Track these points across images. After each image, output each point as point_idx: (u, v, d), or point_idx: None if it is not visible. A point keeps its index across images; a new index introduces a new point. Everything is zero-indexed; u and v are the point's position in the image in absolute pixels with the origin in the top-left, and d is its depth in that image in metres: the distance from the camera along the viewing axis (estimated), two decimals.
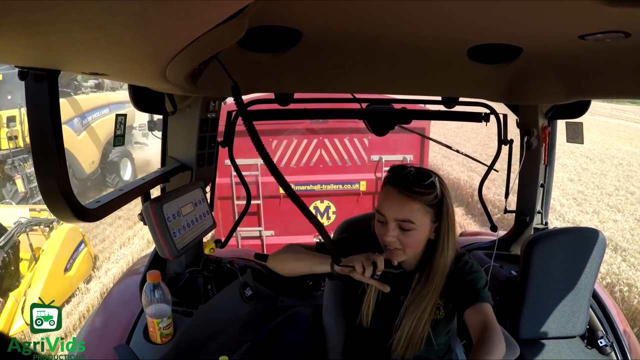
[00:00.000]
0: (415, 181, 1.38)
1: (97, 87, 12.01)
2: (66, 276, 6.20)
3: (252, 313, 2.02)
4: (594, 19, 1.05)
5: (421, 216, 1.39)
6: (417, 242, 1.43)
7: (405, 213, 1.38)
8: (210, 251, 2.01)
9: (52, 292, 5.60)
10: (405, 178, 1.39)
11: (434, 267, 1.46)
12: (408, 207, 1.38)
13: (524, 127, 2.40)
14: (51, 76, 0.83)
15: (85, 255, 6.76)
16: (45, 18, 0.49)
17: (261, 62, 1.64)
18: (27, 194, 8.75)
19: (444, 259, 1.46)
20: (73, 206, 0.95)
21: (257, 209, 5.31)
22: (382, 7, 1.09)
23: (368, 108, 2.39)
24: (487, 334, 1.32)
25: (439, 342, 1.55)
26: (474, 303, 1.41)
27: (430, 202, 1.40)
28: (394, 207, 1.39)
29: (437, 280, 1.46)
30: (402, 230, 1.40)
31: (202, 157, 1.85)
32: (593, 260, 2.09)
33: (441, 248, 1.45)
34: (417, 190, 1.38)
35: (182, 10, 0.63)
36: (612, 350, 2.12)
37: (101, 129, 11.29)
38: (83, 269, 6.70)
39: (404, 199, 1.38)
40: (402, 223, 1.39)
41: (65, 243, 6.32)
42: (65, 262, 6.23)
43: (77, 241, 6.67)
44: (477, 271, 1.50)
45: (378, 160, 5.39)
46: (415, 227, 1.39)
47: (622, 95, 1.72)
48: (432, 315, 1.49)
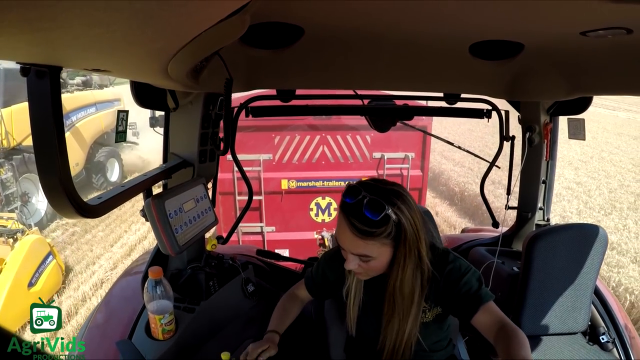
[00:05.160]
0: (366, 219, 1.28)
1: (85, 84, 11.55)
2: (30, 292, 5.58)
3: (254, 309, 2.03)
4: (595, 15, 1.05)
5: (378, 248, 1.32)
6: (378, 267, 1.38)
7: (361, 250, 1.32)
8: (212, 247, 2.01)
9: (13, 310, 5.18)
10: (356, 214, 1.29)
11: (395, 289, 1.41)
12: (363, 245, 1.31)
13: (525, 123, 2.40)
14: (53, 73, 0.83)
15: (53, 268, 6.14)
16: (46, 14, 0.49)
17: (263, 58, 1.64)
18: (3, 201, 7.95)
19: (405, 281, 1.39)
20: (75, 203, 0.95)
21: (258, 204, 5.32)
22: (384, 4, 1.09)
23: (370, 104, 2.39)
24: (506, 329, 1.33)
25: (431, 342, 1.54)
26: (476, 310, 1.39)
27: (386, 236, 1.31)
28: (347, 243, 1.34)
29: (407, 300, 1.41)
30: (362, 261, 1.35)
31: (204, 154, 1.85)
32: (595, 256, 2.09)
33: (399, 271, 1.38)
34: (368, 231, 1.29)
35: (185, 7, 0.63)
36: (614, 347, 2.12)
37: (87, 128, 10.80)
38: (51, 283, 6.07)
39: (357, 239, 1.31)
40: (361, 257, 1.34)
41: (30, 255, 5.76)
42: (30, 276, 5.66)
43: (44, 253, 6.07)
44: (467, 272, 1.43)
45: (380, 158, 5.40)
46: (374, 258, 1.33)
47: (623, 92, 1.71)
48: (418, 320, 1.45)
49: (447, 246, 1.57)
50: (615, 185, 11.33)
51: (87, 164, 10.82)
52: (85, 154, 10.77)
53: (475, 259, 2.48)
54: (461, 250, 2.70)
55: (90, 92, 11.59)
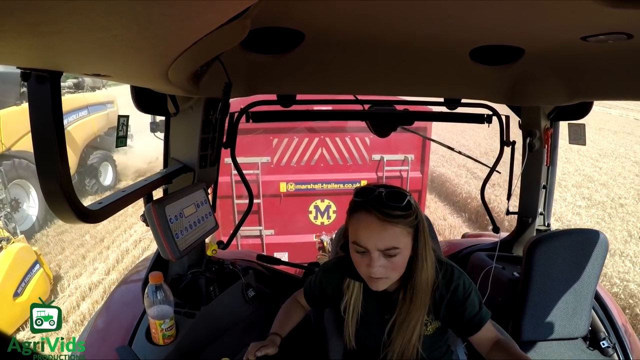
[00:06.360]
0: (392, 204, 1.28)
1: (77, 87, 11.43)
2: (16, 302, 5.37)
3: (255, 314, 2.02)
4: (596, 20, 1.05)
5: (404, 238, 1.31)
6: (401, 265, 1.35)
7: (389, 240, 1.29)
8: (213, 252, 2.00)
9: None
10: (379, 202, 1.29)
11: (417, 284, 1.39)
12: (391, 233, 1.28)
13: (526, 128, 2.40)
14: (53, 77, 0.83)
15: (40, 277, 5.91)
16: (46, 19, 0.49)
17: (263, 63, 1.64)
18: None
19: (425, 275, 1.38)
20: (75, 208, 0.94)
21: (257, 208, 5.31)
22: (384, 9, 1.09)
23: (370, 109, 2.39)
24: (500, 344, 1.42)
25: (431, 351, 1.54)
26: (477, 330, 1.43)
27: (411, 224, 1.31)
28: (375, 236, 1.29)
29: (422, 298, 1.41)
30: (387, 257, 1.31)
31: (204, 159, 1.85)
32: (595, 261, 2.08)
33: (421, 265, 1.37)
34: (397, 214, 1.28)
35: (185, 12, 0.63)
36: (615, 352, 2.12)
37: (79, 132, 10.48)
38: (38, 292, 5.75)
39: (386, 226, 1.28)
40: (387, 251, 1.30)
41: (15, 264, 5.56)
42: (16, 285, 5.45)
43: (31, 262, 5.84)
44: (471, 292, 1.44)
45: (379, 160, 5.39)
46: (399, 252, 1.31)
47: (624, 97, 1.71)
48: (421, 332, 1.45)
49: (448, 251, 1.58)
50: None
51: (79, 168, 10.57)
52: (78, 157, 10.51)
53: (475, 264, 2.47)
54: (461, 256, 2.69)
55: (82, 94, 11.39)
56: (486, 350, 1.39)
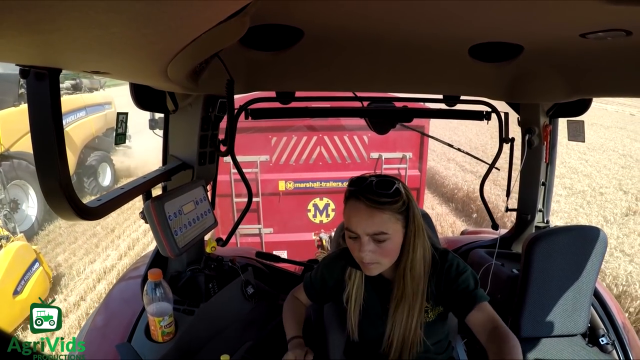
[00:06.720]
0: (380, 191, 1.36)
1: (75, 88, 11.48)
2: (16, 300, 5.41)
3: (254, 311, 2.02)
4: (595, 17, 1.05)
5: (392, 224, 1.37)
6: (392, 250, 1.40)
7: (377, 225, 1.35)
8: (212, 250, 2.00)
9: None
10: (368, 190, 1.37)
11: (410, 271, 1.43)
12: (378, 218, 1.35)
13: (525, 125, 2.40)
14: (52, 75, 0.83)
15: (40, 275, 5.95)
16: (45, 16, 0.49)
17: (262, 60, 1.64)
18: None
19: (418, 261, 1.43)
20: (75, 205, 0.95)
21: (256, 206, 5.31)
22: (384, 6, 1.09)
23: (369, 106, 2.38)
24: (497, 331, 1.35)
25: (434, 343, 1.55)
26: (472, 308, 1.42)
27: (399, 210, 1.38)
28: (364, 222, 1.36)
29: (417, 284, 1.44)
30: (376, 242, 1.37)
31: (203, 156, 1.85)
32: (594, 258, 2.08)
33: (412, 251, 1.42)
34: (384, 201, 1.35)
35: (184, 9, 0.63)
36: (614, 349, 2.12)
37: (77, 132, 10.52)
38: (37, 291, 5.81)
39: (373, 212, 1.35)
40: (376, 236, 1.36)
41: (15, 262, 5.58)
42: (15, 284, 5.49)
43: (30, 260, 5.88)
44: (464, 271, 1.47)
45: (378, 158, 5.39)
46: (389, 237, 1.37)
47: (623, 94, 1.71)
48: (421, 319, 1.47)
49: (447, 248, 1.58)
50: None
51: (78, 169, 10.60)
52: (76, 158, 10.55)
53: (474, 261, 2.48)
54: (461, 252, 2.69)
55: (79, 95, 11.41)
56: (484, 338, 1.38)
